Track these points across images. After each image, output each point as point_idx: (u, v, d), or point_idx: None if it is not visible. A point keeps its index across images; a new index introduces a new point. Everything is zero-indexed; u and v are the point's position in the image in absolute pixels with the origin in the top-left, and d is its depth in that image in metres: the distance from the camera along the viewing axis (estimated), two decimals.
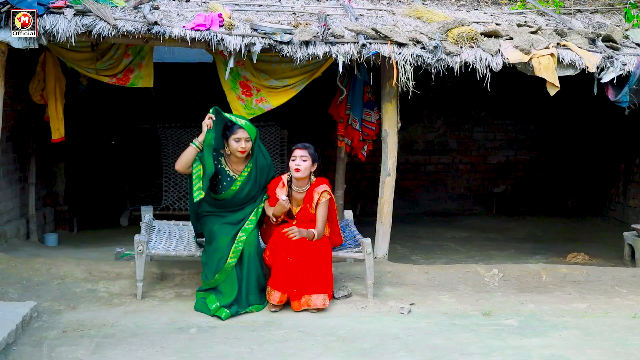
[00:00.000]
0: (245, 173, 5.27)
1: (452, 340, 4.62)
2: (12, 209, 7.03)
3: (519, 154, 10.57)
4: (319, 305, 5.11)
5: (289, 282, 5.09)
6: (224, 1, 6.69)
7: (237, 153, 5.19)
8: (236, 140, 5.16)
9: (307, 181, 5.33)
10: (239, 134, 5.15)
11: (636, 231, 7.03)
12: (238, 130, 5.16)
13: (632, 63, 6.21)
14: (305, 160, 5.23)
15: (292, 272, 5.09)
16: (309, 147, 5.32)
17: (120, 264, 6.06)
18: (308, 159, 5.24)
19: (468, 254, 7.59)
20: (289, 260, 5.08)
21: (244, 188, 5.26)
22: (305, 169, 5.24)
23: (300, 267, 5.10)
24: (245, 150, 5.19)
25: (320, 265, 5.17)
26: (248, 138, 5.17)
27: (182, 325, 4.82)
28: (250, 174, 5.26)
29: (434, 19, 6.63)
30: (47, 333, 4.60)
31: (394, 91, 6.30)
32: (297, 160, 5.23)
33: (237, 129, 5.16)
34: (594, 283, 6.10)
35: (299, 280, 5.09)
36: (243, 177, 5.26)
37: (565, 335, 4.76)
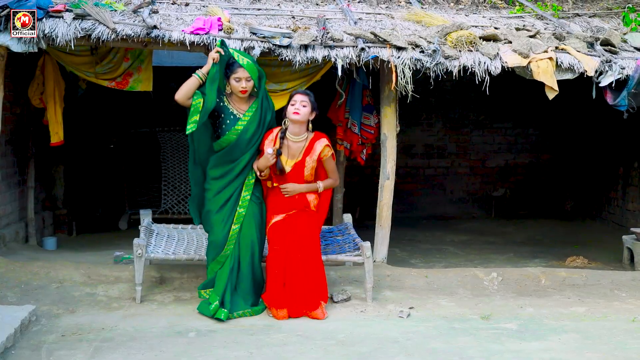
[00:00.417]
0: (249, 113, 5.08)
1: (452, 344, 4.62)
2: (11, 212, 7.03)
3: (518, 158, 10.57)
4: (320, 317, 5.08)
5: (286, 299, 5.08)
6: (223, 5, 6.71)
7: (239, 93, 5.04)
8: (236, 79, 5.01)
9: (304, 129, 5.14)
10: (239, 74, 5.00)
11: (635, 235, 7.03)
12: (238, 69, 5.00)
13: (630, 67, 6.22)
14: (305, 106, 5.06)
15: (288, 290, 5.08)
16: (310, 94, 5.15)
17: (119, 267, 6.05)
18: (308, 105, 5.07)
19: (467, 257, 7.59)
20: (282, 279, 5.09)
21: (248, 128, 5.07)
22: (304, 115, 5.06)
23: (295, 285, 5.06)
24: (247, 90, 5.02)
25: (314, 277, 5.12)
26: (249, 77, 5.00)
27: (181, 329, 4.82)
28: (255, 113, 5.08)
29: (432, 22, 6.64)
30: (46, 337, 4.59)
31: (392, 95, 6.30)
32: (297, 104, 5.05)
33: (237, 68, 5.01)
34: (593, 287, 6.10)
35: (297, 299, 5.07)
36: (248, 116, 5.07)
37: (564, 339, 4.76)
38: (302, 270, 5.10)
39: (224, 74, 5.05)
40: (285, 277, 5.10)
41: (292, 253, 5.10)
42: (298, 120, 5.05)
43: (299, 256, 5.10)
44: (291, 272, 5.09)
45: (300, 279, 5.09)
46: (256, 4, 6.96)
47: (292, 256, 5.10)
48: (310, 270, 5.13)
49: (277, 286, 5.09)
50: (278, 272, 5.10)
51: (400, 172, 7.20)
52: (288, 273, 5.10)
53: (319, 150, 5.12)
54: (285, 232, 5.13)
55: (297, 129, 5.11)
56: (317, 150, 5.12)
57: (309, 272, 5.12)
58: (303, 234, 5.13)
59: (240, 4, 6.92)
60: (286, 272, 5.10)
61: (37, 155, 7.58)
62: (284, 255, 5.10)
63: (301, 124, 5.10)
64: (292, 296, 5.07)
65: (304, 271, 5.10)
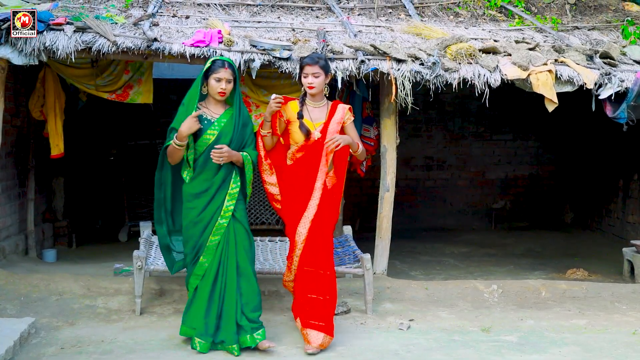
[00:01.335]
0: (224, 119, 4.70)
1: (452, 357, 4.61)
2: (10, 224, 7.03)
3: (518, 170, 10.58)
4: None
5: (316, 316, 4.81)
6: (223, 18, 6.74)
7: (217, 95, 4.67)
8: (217, 79, 4.64)
9: (322, 96, 4.87)
10: (221, 74, 4.63)
11: (635, 247, 7.03)
12: (220, 69, 4.64)
13: (629, 79, 6.24)
14: (318, 76, 4.77)
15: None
16: (319, 59, 4.81)
17: (119, 279, 6.05)
18: (320, 73, 4.78)
19: (467, 269, 7.58)
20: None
21: (222, 134, 4.67)
22: (319, 85, 4.78)
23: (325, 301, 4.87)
24: (225, 93, 4.67)
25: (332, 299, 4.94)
26: (230, 79, 4.67)
27: (181, 342, 4.80)
28: (230, 119, 4.70)
29: (432, 35, 6.67)
30: (45, 349, 4.59)
31: (392, 107, 6.32)
32: (309, 77, 4.77)
33: (218, 68, 4.64)
34: (593, 299, 6.09)
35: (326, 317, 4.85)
36: (223, 122, 4.69)
37: (564, 352, 4.75)
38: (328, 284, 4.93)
39: (204, 74, 4.69)
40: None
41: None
42: (314, 93, 4.81)
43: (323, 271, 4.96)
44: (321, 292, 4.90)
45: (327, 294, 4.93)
46: (256, 16, 7.00)
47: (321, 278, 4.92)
48: (332, 288, 4.98)
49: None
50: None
51: (400, 184, 7.20)
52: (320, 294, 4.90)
53: (341, 113, 4.85)
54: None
55: (315, 97, 4.87)
56: (340, 113, 4.85)
57: (332, 289, 4.96)
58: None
59: (241, 16, 6.95)
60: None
61: (38, 168, 7.59)
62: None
63: (318, 93, 4.85)
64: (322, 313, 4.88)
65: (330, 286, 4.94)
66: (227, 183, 4.69)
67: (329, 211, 4.85)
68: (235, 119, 4.70)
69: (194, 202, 4.66)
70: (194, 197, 4.67)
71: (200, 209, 4.65)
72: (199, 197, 4.65)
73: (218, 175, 4.66)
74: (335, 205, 4.91)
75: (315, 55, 4.87)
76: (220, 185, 4.67)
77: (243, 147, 4.75)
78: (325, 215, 4.83)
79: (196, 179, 4.68)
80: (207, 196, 4.65)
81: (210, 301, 4.61)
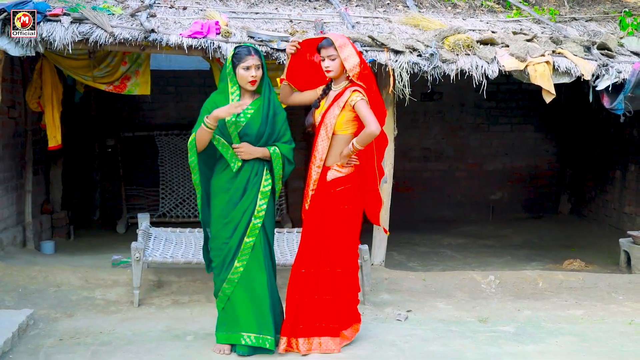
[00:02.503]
0: (251, 109, 4.41)
1: (449, 347, 4.62)
2: (8, 216, 7.02)
3: (516, 161, 10.58)
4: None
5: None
6: (220, 9, 6.72)
7: (247, 85, 4.37)
8: (246, 68, 4.35)
9: (343, 78, 4.50)
10: (248, 61, 4.33)
11: (632, 238, 7.04)
12: (247, 57, 4.34)
13: (627, 71, 6.24)
14: (334, 59, 4.42)
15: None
16: (333, 40, 4.43)
17: (117, 271, 6.05)
18: (336, 55, 4.41)
19: (465, 260, 7.59)
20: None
21: (251, 124, 4.39)
22: (336, 68, 4.43)
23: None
24: (256, 80, 4.37)
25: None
26: (259, 65, 4.38)
27: (179, 333, 4.81)
28: (258, 109, 4.41)
29: (430, 26, 6.65)
30: (44, 341, 4.59)
31: (390, 98, 6.31)
32: (326, 61, 4.44)
33: (245, 56, 4.34)
34: (590, 290, 6.11)
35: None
36: (247, 113, 4.40)
37: (561, 342, 4.77)
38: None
39: (232, 64, 4.40)
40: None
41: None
42: (332, 76, 4.49)
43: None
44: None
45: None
46: (254, 7, 6.97)
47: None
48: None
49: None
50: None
51: (398, 175, 7.18)
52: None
53: (347, 96, 4.43)
54: None
55: (337, 80, 4.52)
56: (346, 96, 4.44)
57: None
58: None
59: (238, 7, 6.92)
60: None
61: (35, 159, 7.58)
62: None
63: (338, 76, 4.49)
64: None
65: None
66: (258, 180, 4.42)
67: (322, 208, 4.50)
68: (263, 109, 4.41)
69: (221, 195, 4.42)
70: (222, 191, 4.42)
71: (230, 207, 4.38)
72: (227, 192, 4.40)
73: (245, 170, 4.39)
74: (335, 201, 4.49)
75: (329, 37, 4.48)
76: (248, 181, 4.40)
77: (275, 139, 4.48)
78: (317, 212, 4.52)
79: (222, 172, 4.44)
80: (237, 192, 4.39)
81: (252, 301, 4.37)
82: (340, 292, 4.50)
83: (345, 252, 4.53)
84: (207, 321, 5.03)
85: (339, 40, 4.45)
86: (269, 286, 4.43)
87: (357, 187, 4.55)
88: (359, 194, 4.56)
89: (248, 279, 4.36)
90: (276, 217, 9.22)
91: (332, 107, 4.48)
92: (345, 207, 4.49)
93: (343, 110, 4.44)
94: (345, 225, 4.51)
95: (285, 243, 6.12)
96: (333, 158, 4.50)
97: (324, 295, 4.47)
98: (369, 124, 4.32)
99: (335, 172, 4.49)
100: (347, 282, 4.53)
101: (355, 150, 4.41)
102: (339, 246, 4.50)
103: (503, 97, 10.35)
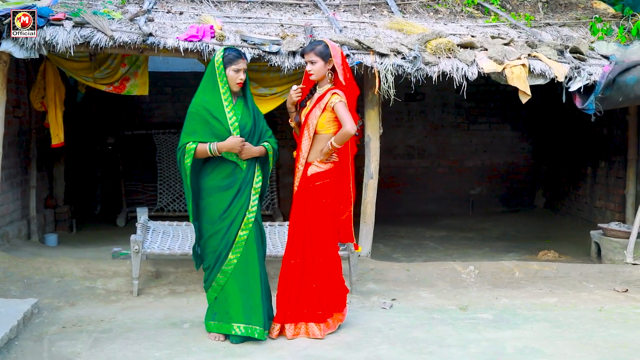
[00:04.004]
0: (238, 110, 4.43)
1: (431, 333, 4.64)
2: (13, 210, 6.98)
3: (494, 158, 10.62)
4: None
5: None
6: (215, 14, 6.70)
7: (235, 87, 4.41)
8: (236, 70, 4.39)
9: (326, 82, 4.57)
10: (240, 64, 4.40)
11: (602, 230, 7.08)
12: (238, 60, 4.40)
13: (597, 73, 6.27)
14: (315, 63, 4.50)
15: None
16: (315, 46, 4.53)
17: (117, 262, 6.03)
18: (317, 60, 4.49)
19: (446, 252, 7.61)
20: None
21: (243, 123, 4.41)
22: (317, 71, 4.50)
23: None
24: (242, 83, 4.43)
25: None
26: (246, 69, 4.46)
27: (176, 321, 4.81)
28: (245, 108, 4.45)
29: (413, 31, 6.66)
30: (48, 328, 4.57)
31: (376, 99, 6.32)
32: (308, 65, 4.52)
33: (237, 59, 4.40)
34: (563, 279, 6.14)
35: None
36: (237, 113, 4.41)
37: (536, 328, 4.80)
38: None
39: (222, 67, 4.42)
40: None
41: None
42: (314, 79, 4.55)
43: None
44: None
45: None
46: (247, 12, 6.95)
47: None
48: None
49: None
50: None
51: (383, 171, 7.18)
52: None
53: (327, 98, 4.50)
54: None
55: (319, 83, 4.60)
56: (326, 98, 4.50)
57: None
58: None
59: (232, 12, 6.90)
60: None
61: (39, 156, 7.54)
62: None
63: (320, 80, 4.56)
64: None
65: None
66: (251, 177, 4.43)
67: (308, 202, 4.51)
68: (250, 109, 4.47)
69: (215, 195, 4.38)
70: (216, 190, 4.38)
71: (225, 205, 4.35)
72: (222, 190, 4.37)
73: (239, 169, 4.39)
74: (320, 196, 4.51)
75: (314, 43, 4.58)
76: (244, 179, 4.40)
77: (261, 134, 4.49)
78: (304, 208, 4.53)
79: (214, 172, 4.40)
80: (231, 191, 4.37)
81: (243, 292, 4.36)
82: (323, 281, 4.52)
83: (325, 243, 4.55)
84: (203, 310, 5.00)
85: (320, 47, 4.49)
86: (261, 277, 4.43)
87: (336, 182, 4.59)
88: (338, 189, 4.60)
89: (241, 270, 4.36)
90: (268, 212, 9.23)
91: (314, 109, 4.53)
92: (324, 200, 4.52)
93: (324, 112, 4.50)
94: (325, 218, 4.53)
95: (277, 236, 6.13)
96: (314, 155, 4.55)
97: (310, 283, 4.50)
98: (345, 124, 4.39)
99: (315, 168, 4.54)
100: (329, 271, 4.55)
101: (334, 149, 4.47)
102: (320, 237, 4.52)
103: (482, 97, 10.38)
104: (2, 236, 6.60)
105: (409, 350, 4.30)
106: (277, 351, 4.25)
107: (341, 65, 4.52)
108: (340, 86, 4.53)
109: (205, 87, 4.42)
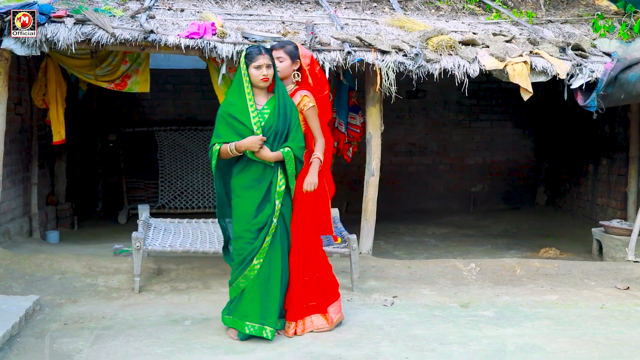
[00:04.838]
0: (267, 109, 4.37)
1: (432, 331, 4.64)
2: (15, 207, 6.99)
3: (495, 156, 10.61)
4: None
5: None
6: (216, 11, 6.69)
7: (260, 83, 4.31)
8: (257, 67, 4.29)
9: (289, 82, 4.57)
10: (259, 61, 4.28)
11: (603, 227, 7.08)
12: (258, 56, 4.29)
13: (599, 70, 6.26)
14: (283, 61, 4.49)
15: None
16: (285, 45, 4.57)
17: (119, 259, 6.03)
18: (285, 58, 4.50)
19: (447, 249, 7.61)
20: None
21: (270, 123, 4.33)
22: (283, 69, 4.49)
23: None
24: (268, 78, 4.31)
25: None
26: (269, 64, 4.32)
27: (177, 318, 4.81)
28: (275, 108, 4.35)
29: (414, 28, 6.65)
30: (49, 325, 4.58)
31: (377, 96, 6.31)
32: (276, 61, 4.48)
33: (256, 56, 4.29)
34: (564, 276, 6.14)
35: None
36: (264, 113, 4.35)
37: (537, 325, 4.79)
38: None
39: (244, 67, 4.36)
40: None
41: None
42: (280, 77, 4.49)
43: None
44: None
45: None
46: (248, 9, 6.95)
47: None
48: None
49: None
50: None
51: (385, 169, 7.18)
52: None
53: (297, 100, 4.47)
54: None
55: (284, 82, 4.54)
56: (296, 99, 4.48)
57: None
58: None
59: (233, 9, 6.90)
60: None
61: (40, 153, 7.54)
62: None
63: (284, 78, 4.54)
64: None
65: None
66: (275, 180, 4.37)
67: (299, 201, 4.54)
68: (279, 108, 4.35)
69: (242, 195, 4.37)
70: (245, 189, 4.36)
71: (254, 208, 4.33)
72: (251, 189, 4.35)
73: (269, 169, 4.36)
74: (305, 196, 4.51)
75: (283, 42, 4.64)
76: (271, 182, 4.36)
77: (288, 137, 4.38)
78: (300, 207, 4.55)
79: (243, 172, 4.38)
80: (259, 192, 4.34)
81: (262, 297, 4.36)
82: (313, 272, 4.56)
83: (309, 235, 4.58)
84: (204, 306, 5.03)
85: (289, 47, 4.55)
86: (282, 278, 4.43)
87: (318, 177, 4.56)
88: (320, 184, 4.58)
89: (263, 276, 4.35)
90: None
91: None
92: (302, 194, 4.52)
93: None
94: (307, 211, 4.55)
95: None
96: None
97: (303, 276, 4.54)
98: (318, 137, 4.53)
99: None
100: (316, 262, 4.59)
101: (321, 163, 4.51)
102: (305, 230, 4.56)
103: (483, 95, 10.37)
104: (4, 233, 6.61)
105: (410, 347, 4.30)
106: (279, 348, 4.25)
107: (309, 65, 4.58)
108: (308, 86, 4.58)
109: (233, 88, 4.43)
